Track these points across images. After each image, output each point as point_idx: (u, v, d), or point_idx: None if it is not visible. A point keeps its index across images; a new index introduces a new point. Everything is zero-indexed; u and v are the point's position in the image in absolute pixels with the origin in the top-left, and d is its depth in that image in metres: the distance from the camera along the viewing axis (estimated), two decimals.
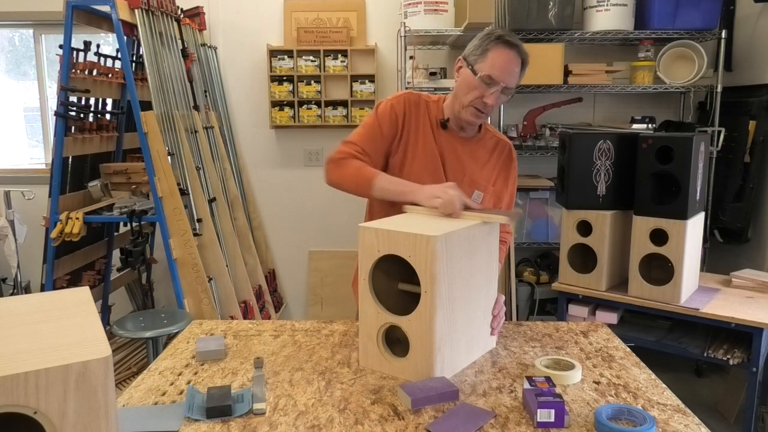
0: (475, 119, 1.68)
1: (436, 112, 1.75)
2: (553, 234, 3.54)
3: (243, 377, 1.38)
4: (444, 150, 1.73)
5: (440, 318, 1.30)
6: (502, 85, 1.60)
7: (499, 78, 1.59)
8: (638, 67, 3.50)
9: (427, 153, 1.72)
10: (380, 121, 1.72)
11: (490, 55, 1.60)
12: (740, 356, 2.35)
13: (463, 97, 1.65)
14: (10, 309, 0.97)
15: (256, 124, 3.96)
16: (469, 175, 1.74)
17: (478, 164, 1.77)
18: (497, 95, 1.62)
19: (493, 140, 1.82)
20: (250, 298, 3.37)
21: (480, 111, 1.65)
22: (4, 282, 3.80)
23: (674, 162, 2.30)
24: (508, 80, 1.61)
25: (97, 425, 0.81)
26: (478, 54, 1.63)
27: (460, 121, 1.71)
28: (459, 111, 1.68)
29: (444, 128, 1.74)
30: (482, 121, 1.76)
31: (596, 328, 1.72)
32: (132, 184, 3.29)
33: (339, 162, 1.67)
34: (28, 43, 4.15)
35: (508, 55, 1.60)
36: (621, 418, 1.16)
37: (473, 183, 1.74)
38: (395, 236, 1.32)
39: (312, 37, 3.80)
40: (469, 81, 1.63)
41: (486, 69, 1.60)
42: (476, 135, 1.79)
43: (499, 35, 1.62)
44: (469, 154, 1.76)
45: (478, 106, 1.64)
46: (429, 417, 1.19)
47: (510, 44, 1.61)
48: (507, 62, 1.60)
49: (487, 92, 1.61)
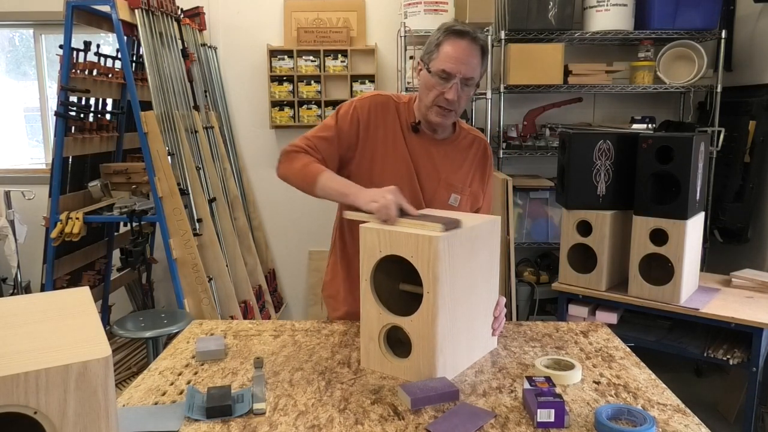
0: (442, 119, 1.63)
1: (407, 115, 1.70)
2: (553, 234, 3.54)
3: (243, 377, 1.38)
4: (416, 154, 1.68)
5: (442, 318, 1.30)
6: (459, 76, 1.55)
7: (453, 70, 1.55)
8: (638, 67, 3.50)
9: (397, 158, 1.67)
10: (339, 124, 1.66)
11: (442, 49, 1.56)
12: (740, 356, 2.35)
13: (425, 97, 1.61)
14: (10, 309, 0.97)
15: (256, 124, 3.97)
16: (445, 178, 1.69)
17: (454, 166, 1.71)
18: (456, 89, 1.56)
19: (468, 138, 1.76)
20: (250, 298, 3.37)
21: (445, 109, 1.60)
22: (4, 282, 3.80)
23: (674, 162, 2.30)
24: (464, 70, 1.55)
25: (97, 425, 0.81)
26: (431, 51, 1.59)
27: (430, 124, 1.66)
28: (425, 113, 1.64)
29: (415, 132, 1.68)
30: (451, 120, 1.67)
31: (596, 328, 1.72)
32: (132, 184, 3.29)
33: (289, 155, 1.61)
34: (28, 43, 4.15)
35: (460, 44, 1.55)
36: (621, 418, 1.16)
37: (450, 186, 1.69)
38: (397, 236, 1.32)
39: (312, 37, 3.80)
40: (427, 80, 1.60)
41: (439, 64, 1.56)
42: (451, 136, 1.74)
43: (448, 27, 1.58)
44: (444, 157, 1.70)
45: (440, 104, 1.59)
46: (429, 417, 1.19)
47: (460, 33, 1.56)
48: (459, 52, 1.55)
49: (446, 87, 1.56)
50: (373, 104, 1.68)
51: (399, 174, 1.65)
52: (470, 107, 3.81)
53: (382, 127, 1.67)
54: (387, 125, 1.67)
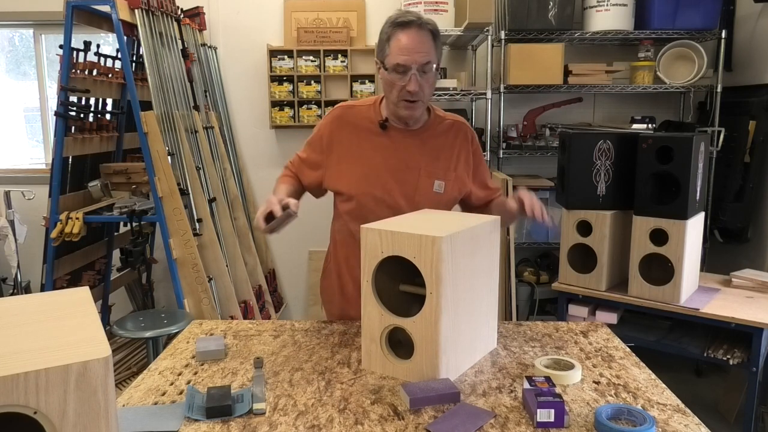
0: (412, 111, 1.64)
1: (374, 116, 1.72)
2: (553, 234, 3.54)
3: (243, 377, 1.38)
4: (389, 150, 1.70)
5: (445, 319, 1.30)
6: (414, 66, 1.56)
7: (408, 61, 1.56)
8: (638, 67, 3.50)
9: (365, 161, 1.69)
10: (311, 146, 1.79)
11: (392, 43, 1.58)
12: (740, 356, 2.35)
13: (390, 95, 1.63)
14: (10, 309, 0.97)
15: (256, 124, 3.96)
16: (425, 167, 1.70)
17: (433, 154, 1.72)
18: (416, 79, 1.56)
19: (445, 124, 1.76)
20: (250, 298, 3.37)
21: (411, 101, 1.61)
22: (4, 282, 3.80)
23: (674, 162, 2.30)
24: (418, 58, 1.55)
25: (97, 425, 0.81)
26: (382, 48, 1.61)
27: (401, 118, 1.68)
28: (394, 110, 1.66)
29: (384, 129, 1.70)
30: (420, 110, 1.67)
31: (596, 328, 1.72)
32: (132, 184, 3.29)
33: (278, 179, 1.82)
34: (28, 43, 4.15)
35: (407, 34, 1.56)
36: (621, 418, 1.16)
37: (431, 174, 1.70)
38: (399, 237, 1.31)
39: (312, 37, 3.80)
40: (386, 78, 1.62)
41: (393, 59, 1.57)
42: (426, 124, 1.74)
43: (393, 20, 1.60)
44: (421, 147, 1.71)
45: (405, 97, 1.60)
46: (429, 417, 1.19)
47: (405, 24, 1.57)
48: (409, 42, 1.56)
49: (405, 80, 1.57)
50: (333, 120, 1.75)
51: (369, 175, 1.69)
52: (470, 107, 3.81)
53: (346, 138, 1.72)
54: (350, 134, 1.72)
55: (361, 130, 1.72)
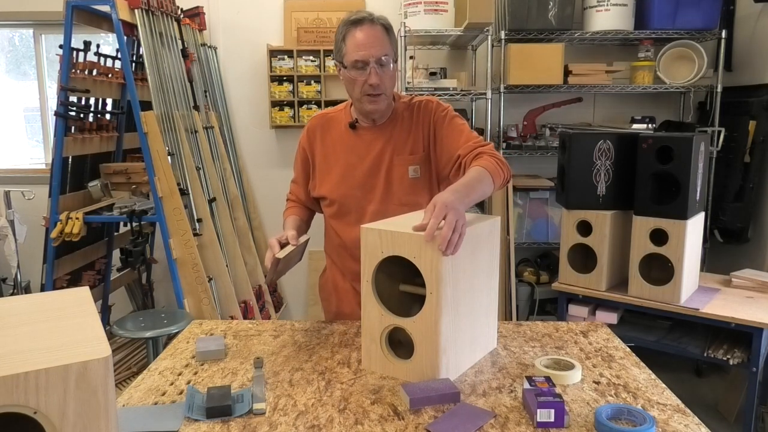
0: (376, 105, 1.66)
1: (345, 119, 1.76)
2: (553, 234, 3.54)
3: (243, 377, 1.38)
4: (361, 148, 1.73)
5: (445, 319, 1.30)
6: (372, 60, 1.59)
7: (365, 56, 1.59)
8: (638, 67, 3.50)
9: (341, 163, 1.74)
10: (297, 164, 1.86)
11: (348, 42, 1.61)
12: (740, 356, 2.35)
13: (354, 92, 1.66)
14: (10, 309, 0.97)
15: (256, 124, 3.96)
16: (397, 157, 1.71)
17: (401, 141, 1.73)
18: (376, 72, 1.60)
19: (403, 107, 1.75)
20: (250, 298, 3.37)
21: (374, 95, 1.64)
22: (4, 282, 3.80)
23: (674, 162, 2.30)
24: (374, 52, 1.59)
25: (97, 425, 0.81)
26: (339, 48, 1.64)
27: (369, 114, 1.70)
28: (360, 107, 1.69)
29: (353, 128, 1.74)
30: (384, 103, 1.68)
31: (596, 328, 1.72)
32: (132, 184, 3.29)
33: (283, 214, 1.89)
34: (28, 43, 4.15)
35: (361, 30, 1.60)
36: (621, 418, 1.16)
37: (403, 162, 1.72)
38: (399, 237, 1.31)
39: (312, 37, 3.80)
40: (347, 76, 1.64)
41: (350, 56, 1.60)
42: (392, 115, 1.75)
43: (346, 20, 1.63)
44: (389, 138, 1.72)
45: (368, 92, 1.63)
46: (429, 417, 1.19)
47: (358, 21, 1.61)
48: (364, 38, 1.59)
49: (366, 75, 1.60)
50: (308, 132, 1.81)
51: (346, 176, 1.74)
52: (470, 107, 3.81)
53: (321, 145, 1.78)
54: (325, 140, 1.77)
55: (335, 134, 1.77)
